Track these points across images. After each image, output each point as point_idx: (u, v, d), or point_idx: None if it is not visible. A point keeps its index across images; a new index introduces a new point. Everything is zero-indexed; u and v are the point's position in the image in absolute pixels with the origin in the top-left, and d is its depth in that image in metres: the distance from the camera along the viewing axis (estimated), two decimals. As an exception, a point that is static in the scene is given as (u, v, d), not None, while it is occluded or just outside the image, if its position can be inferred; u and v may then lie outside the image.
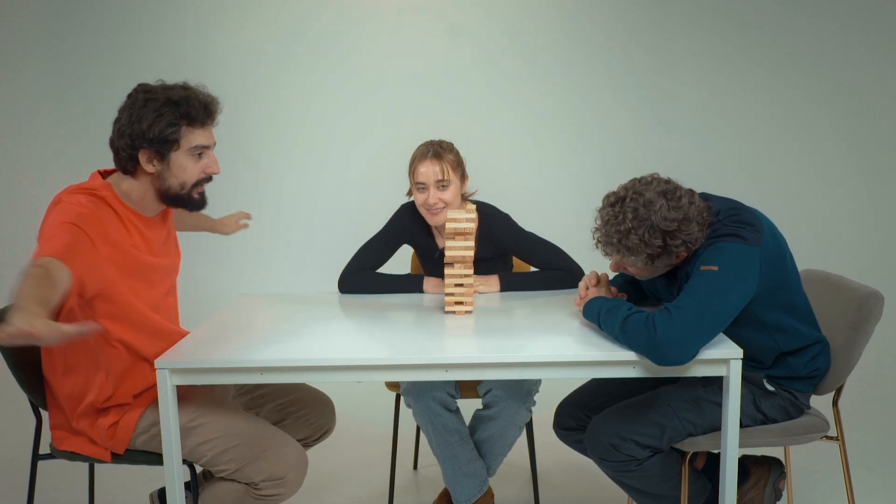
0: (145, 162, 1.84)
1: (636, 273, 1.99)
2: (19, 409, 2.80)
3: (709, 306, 1.77)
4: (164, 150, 1.83)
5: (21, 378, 1.98)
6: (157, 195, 1.91)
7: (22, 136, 4.22)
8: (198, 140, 1.87)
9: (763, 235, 1.87)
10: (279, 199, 4.34)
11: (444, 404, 2.30)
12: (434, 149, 2.40)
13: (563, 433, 2.36)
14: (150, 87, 1.86)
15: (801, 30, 4.25)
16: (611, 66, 4.24)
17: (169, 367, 1.75)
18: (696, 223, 1.86)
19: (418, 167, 2.39)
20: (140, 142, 1.81)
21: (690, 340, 1.73)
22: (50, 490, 2.78)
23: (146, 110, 1.80)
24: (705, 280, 1.80)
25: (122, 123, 1.83)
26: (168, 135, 1.81)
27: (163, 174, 1.87)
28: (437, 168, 2.37)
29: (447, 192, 2.38)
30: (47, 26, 4.16)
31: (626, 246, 1.86)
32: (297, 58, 4.25)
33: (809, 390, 2.06)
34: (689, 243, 1.87)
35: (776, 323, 1.96)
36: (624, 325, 1.80)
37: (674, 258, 1.91)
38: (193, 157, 1.88)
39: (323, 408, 2.28)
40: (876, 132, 4.35)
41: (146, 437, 1.95)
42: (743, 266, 1.82)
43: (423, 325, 2.06)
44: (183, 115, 1.82)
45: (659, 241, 1.84)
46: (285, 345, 1.87)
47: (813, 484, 2.77)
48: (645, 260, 1.88)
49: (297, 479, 1.97)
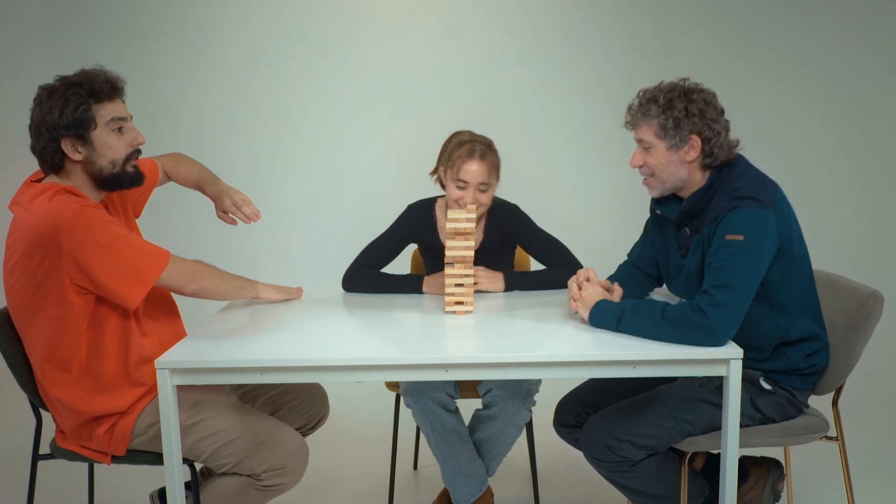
0: (70, 150, 1.84)
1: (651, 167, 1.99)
2: (19, 409, 2.79)
3: (744, 276, 1.83)
4: (82, 131, 1.82)
5: (21, 378, 1.98)
6: (93, 183, 1.89)
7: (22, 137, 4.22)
8: (111, 112, 1.86)
9: (777, 199, 1.92)
10: (279, 198, 4.34)
11: (443, 405, 2.30)
12: (481, 148, 2.33)
13: (563, 430, 2.35)
14: (49, 84, 1.87)
15: (800, 30, 4.25)
16: (611, 67, 4.24)
17: (169, 367, 1.75)
18: (722, 132, 1.95)
19: (465, 165, 2.31)
20: (58, 132, 1.81)
21: (737, 315, 1.81)
22: (50, 490, 2.78)
23: (52, 101, 1.81)
24: (734, 251, 1.84)
25: (35, 124, 1.84)
26: (80, 114, 1.81)
27: (90, 158, 1.85)
28: (483, 170, 2.31)
29: (486, 195, 2.35)
30: (47, 26, 4.16)
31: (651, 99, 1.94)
32: (296, 58, 4.24)
33: (807, 388, 2.05)
34: (705, 136, 1.93)
35: (782, 302, 1.96)
36: (664, 318, 1.82)
37: (685, 145, 1.94)
38: (115, 133, 1.87)
39: (315, 395, 2.29)
40: (876, 132, 4.35)
41: (145, 438, 1.95)
42: (764, 230, 1.87)
43: (423, 325, 2.06)
44: (87, 92, 1.83)
45: (681, 106, 1.91)
46: (285, 345, 1.87)
47: (813, 484, 2.76)
48: (658, 128, 1.93)
49: (298, 467, 1.98)
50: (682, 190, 2.04)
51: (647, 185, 2.05)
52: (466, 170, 2.31)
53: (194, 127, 4.21)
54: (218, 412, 1.97)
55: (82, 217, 1.75)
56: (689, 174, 1.99)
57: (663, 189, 2.03)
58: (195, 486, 1.98)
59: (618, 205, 4.19)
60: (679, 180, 2.00)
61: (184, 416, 1.92)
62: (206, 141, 4.19)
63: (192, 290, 1.94)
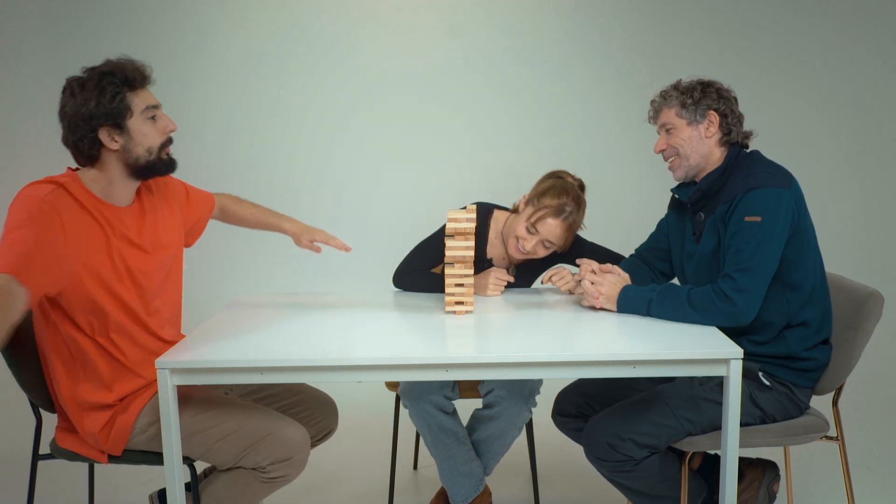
0: (108, 140, 1.84)
1: (675, 149, 2.11)
2: (19, 409, 2.79)
3: (764, 258, 1.91)
4: (119, 120, 1.83)
5: (21, 378, 1.98)
6: (128, 171, 1.90)
7: (22, 137, 4.22)
8: (146, 101, 1.88)
9: (793, 181, 2.01)
10: (279, 198, 4.33)
11: (440, 407, 2.30)
12: (572, 212, 2.29)
13: (562, 420, 2.36)
14: (78, 75, 1.87)
15: (799, 31, 4.25)
16: (610, 67, 4.24)
17: (169, 367, 1.75)
18: (735, 116, 2.12)
19: (547, 218, 2.27)
20: (95, 122, 1.82)
21: (759, 295, 1.92)
22: (50, 490, 2.78)
23: (87, 92, 1.82)
24: (753, 233, 1.92)
25: (69, 116, 1.84)
26: (117, 103, 1.82)
27: (127, 146, 1.86)
28: (562, 233, 2.29)
29: (545, 251, 2.34)
30: (47, 26, 4.16)
31: (671, 87, 2.13)
32: (296, 58, 4.24)
33: (807, 386, 2.06)
34: (722, 112, 2.08)
35: (795, 281, 1.99)
36: (691, 304, 1.95)
37: (704, 120, 2.08)
38: (149, 121, 1.88)
39: (326, 408, 2.28)
40: (876, 132, 4.35)
41: (144, 438, 1.95)
42: (780, 210, 1.94)
43: (423, 325, 2.06)
44: (121, 81, 1.84)
45: (699, 89, 2.08)
46: (285, 345, 1.87)
47: (813, 484, 2.77)
48: (678, 107, 2.09)
49: (302, 458, 1.98)
50: (701, 172, 2.13)
51: (672, 168, 2.16)
52: (545, 223, 2.28)
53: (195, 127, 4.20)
54: (218, 408, 1.97)
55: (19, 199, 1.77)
56: (710, 151, 2.11)
57: (688, 168, 2.12)
58: (195, 486, 1.98)
59: (618, 205, 4.18)
60: (701, 157, 2.10)
61: (184, 414, 1.92)
62: (206, 141, 4.19)
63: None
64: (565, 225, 2.29)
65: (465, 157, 4.25)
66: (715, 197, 2.08)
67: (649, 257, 2.35)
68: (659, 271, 2.35)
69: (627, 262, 2.36)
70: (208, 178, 4.17)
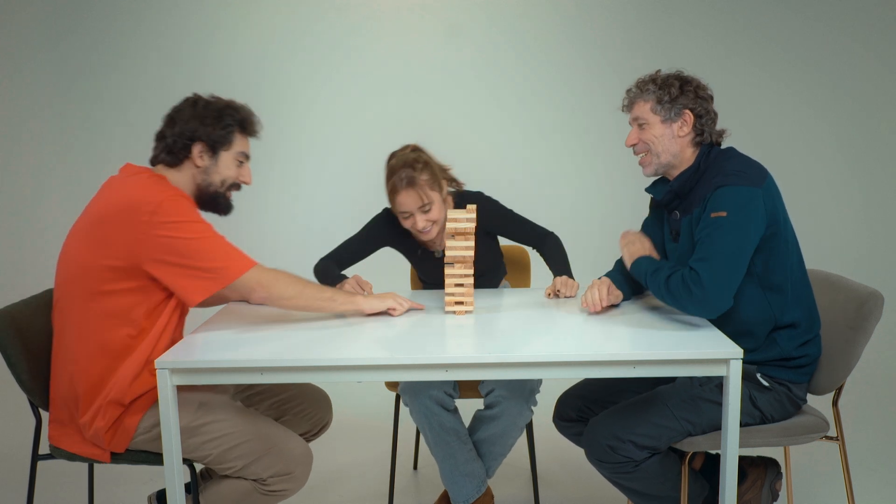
0: (197, 154, 1.99)
1: (647, 144, 2.09)
2: (19, 409, 2.80)
3: (728, 249, 1.88)
4: (217, 146, 2.00)
5: (21, 378, 1.97)
6: (196, 191, 2.03)
7: (22, 136, 4.22)
8: (245, 147, 2.07)
9: (766, 179, 1.97)
10: (279, 199, 4.34)
11: (441, 403, 2.30)
12: (407, 176, 2.32)
13: (563, 424, 2.36)
14: (206, 96, 2.04)
15: (800, 31, 4.25)
16: (610, 67, 4.24)
17: (169, 367, 1.75)
18: (710, 116, 2.07)
19: (396, 199, 2.35)
20: (199, 134, 1.97)
21: (724, 287, 1.88)
22: (50, 490, 2.78)
23: (208, 111, 1.99)
24: (718, 227, 1.91)
25: (180, 118, 1.98)
26: (225, 133, 2.00)
27: (209, 169, 2.01)
28: (414, 196, 2.33)
29: (432, 212, 2.37)
30: (47, 26, 4.16)
31: (649, 80, 2.10)
32: (295, 58, 4.24)
33: (803, 381, 2.06)
34: (697, 112, 2.04)
35: (775, 283, 1.99)
36: (667, 286, 1.94)
37: (678, 119, 2.05)
38: (236, 163, 2.05)
39: (320, 402, 2.30)
40: (876, 132, 4.35)
41: (147, 437, 1.95)
42: (749, 206, 1.92)
43: (423, 325, 2.06)
44: (239, 121, 2.03)
45: (676, 85, 2.05)
46: (285, 345, 1.87)
47: (813, 484, 2.77)
48: (654, 103, 2.05)
49: (303, 473, 2.00)
50: (673, 170, 2.11)
51: (643, 163, 2.14)
52: (399, 202, 2.35)
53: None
54: (225, 415, 1.97)
55: (175, 203, 1.85)
56: (681, 150, 2.08)
57: (658, 165, 2.11)
58: (195, 487, 1.98)
59: (618, 204, 4.19)
60: (672, 156, 2.08)
61: (189, 417, 1.93)
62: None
63: (260, 298, 1.98)
64: (411, 188, 2.32)
65: (465, 157, 4.24)
66: (688, 196, 2.08)
67: None
68: None
69: (619, 262, 2.33)
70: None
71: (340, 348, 1.84)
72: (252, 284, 1.93)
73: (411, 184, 2.32)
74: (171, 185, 1.94)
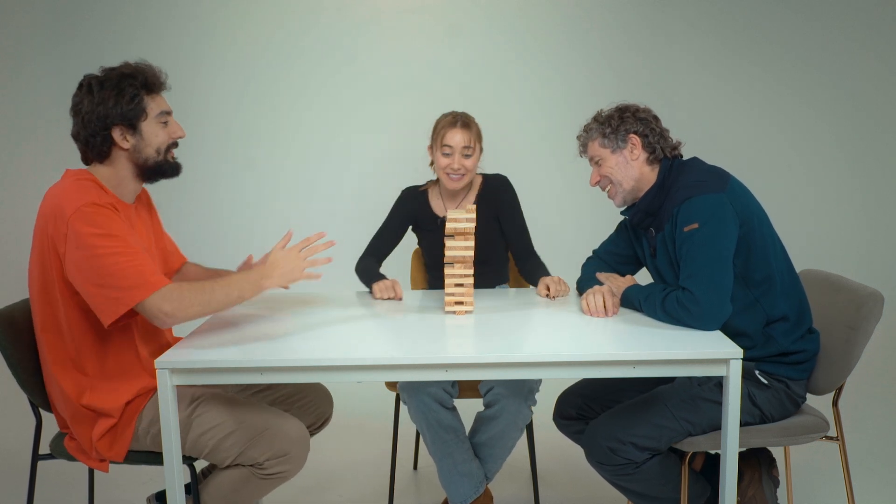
0: (120, 139, 1.89)
1: (607, 178, 2.16)
2: (19, 409, 2.79)
3: (710, 260, 1.93)
4: (134, 121, 1.89)
5: (21, 378, 1.98)
6: (136, 171, 1.96)
7: (22, 137, 4.22)
8: (161, 106, 1.94)
9: (728, 182, 2.02)
10: (280, 199, 4.34)
11: (440, 401, 2.29)
12: (462, 118, 2.57)
13: (563, 423, 2.36)
14: (97, 74, 1.92)
15: (799, 31, 4.25)
16: (610, 67, 4.24)
17: (169, 367, 1.75)
18: (656, 134, 2.13)
19: (447, 132, 2.54)
20: (110, 120, 1.87)
21: (718, 297, 1.91)
22: (50, 490, 2.78)
23: (105, 92, 1.87)
24: (694, 241, 1.95)
25: (84, 112, 1.88)
26: (135, 106, 1.88)
27: (138, 146, 1.92)
28: (465, 136, 2.53)
29: (470, 160, 2.55)
30: (47, 26, 4.16)
31: (592, 120, 2.20)
32: (295, 58, 4.25)
33: (801, 378, 2.06)
34: (641, 133, 2.11)
35: (758, 277, 2.01)
36: (664, 310, 1.97)
37: (626, 145, 2.13)
38: (160, 125, 1.94)
39: (320, 395, 2.31)
40: (875, 132, 4.35)
41: (145, 438, 1.95)
42: (718, 213, 1.96)
43: (423, 325, 2.06)
44: (141, 85, 1.90)
45: (616, 116, 2.14)
46: (285, 345, 1.87)
47: (813, 484, 2.77)
48: (601, 139, 2.15)
49: (300, 454, 1.98)
50: (640, 193, 2.17)
51: (611, 196, 2.22)
52: (450, 136, 2.53)
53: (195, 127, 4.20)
54: (216, 405, 1.97)
55: (87, 215, 1.77)
56: (640, 172, 2.15)
57: (624, 193, 2.18)
58: (195, 487, 1.98)
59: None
60: (634, 180, 2.15)
61: (182, 412, 1.93)
62: (206, 141, 4.19)
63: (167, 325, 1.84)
64: (465, 129, 2.54)
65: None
66: (659, 213, 2.12)
67: (610, 260, 2.36)
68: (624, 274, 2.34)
69: (591, 268, 2.36)
70: (208, 178, 4.18)
71: (340, 348, 1.84)
72: (155, 312, 1.79)
73: (466, 125, 2.55)
74: (90, 189, 1.83)
